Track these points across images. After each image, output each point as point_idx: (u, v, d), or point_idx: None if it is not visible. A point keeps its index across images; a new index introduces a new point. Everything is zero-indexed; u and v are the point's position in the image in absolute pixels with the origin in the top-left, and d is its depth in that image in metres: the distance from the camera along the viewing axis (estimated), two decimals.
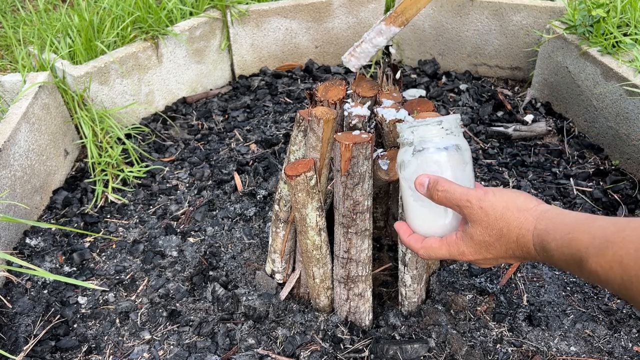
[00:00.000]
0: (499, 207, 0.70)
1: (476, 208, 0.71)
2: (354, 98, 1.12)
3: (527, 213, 0.68)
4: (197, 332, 1.29)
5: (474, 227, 0.72)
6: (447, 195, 0.74)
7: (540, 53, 2.09)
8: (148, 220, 1.64)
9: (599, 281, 0.58)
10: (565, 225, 0.64)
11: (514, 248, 0.69)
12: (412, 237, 0.83)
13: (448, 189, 0.74)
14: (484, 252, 0.73)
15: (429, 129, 0.80)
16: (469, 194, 0.73)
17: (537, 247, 0.66)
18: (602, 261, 0.56)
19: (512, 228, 0.68)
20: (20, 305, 1.36)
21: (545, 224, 0.66)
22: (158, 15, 2.04)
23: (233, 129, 2.05)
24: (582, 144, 1.90)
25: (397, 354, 1.18)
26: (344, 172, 1.06)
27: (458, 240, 0.75)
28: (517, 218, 0.68)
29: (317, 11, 2.32)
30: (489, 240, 0.71)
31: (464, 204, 0.72)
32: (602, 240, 0.57)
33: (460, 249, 0.75)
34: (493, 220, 0.70)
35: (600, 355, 1.22)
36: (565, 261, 0.62)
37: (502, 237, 0.70)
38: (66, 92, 1.83)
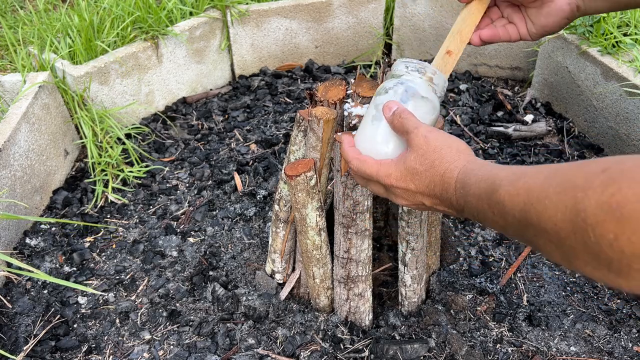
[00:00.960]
0: (440, 142, 0.74)
1: (420, 135, 0.75)
2: (354, 98, 1.12)
3: (462, 155, 0.72)
4: (197, 332, 1.29)
5: (411, 152, 0.76)
6: (403, 122, 0.79)
7: (540, 53, 2.09)
8: (148, 220, 1.64)
9: (501, 214, 0.60)
10: (490, 166, 0.67)
11: (437, 182, 0.72)
12: (352, 148, 0.86)
13: (407, 117, 0.79)
14: (409, 180, 0.76)
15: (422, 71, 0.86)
16: (421, 124, 0.78)
17: (458, 184, 0.69)
18: (512, 189, 0.58)
19: (444, 162, 0.72)
20: (20, 305, 1.36)
21: (473, 165, 0.70)
22: (158, 15, 2.04)
23: (233, 129, 2.05)
24: (582, 144, 1.91)
25: (397, 354, 1.18)
26: (344, 172, 1.06)
27: (390, 163, 0.79)
28: (452, 156, 0.72)
29: (317, 11, 2.32)
30: (418, 169, 0.74)
31: (413, 130, 0.77)
32: (518, 174, 0.59)
33: (389, 171, 0.78)
34: (431, 151, 0.74)
35: (600, 355, 1.22)
36: (478, 196, 0.64)
37: (432, 168, 0.73)
38: (66, 92, 1.83)
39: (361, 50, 2.47)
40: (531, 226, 0.55)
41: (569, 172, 0.52)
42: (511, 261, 1.45)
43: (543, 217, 0.53)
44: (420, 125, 0.77)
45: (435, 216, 1.25)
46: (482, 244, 1.51)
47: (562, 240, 0.51)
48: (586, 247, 0.48)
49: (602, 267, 0.47)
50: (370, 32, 2.43)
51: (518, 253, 1.48)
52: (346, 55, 2.48)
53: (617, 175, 0.46)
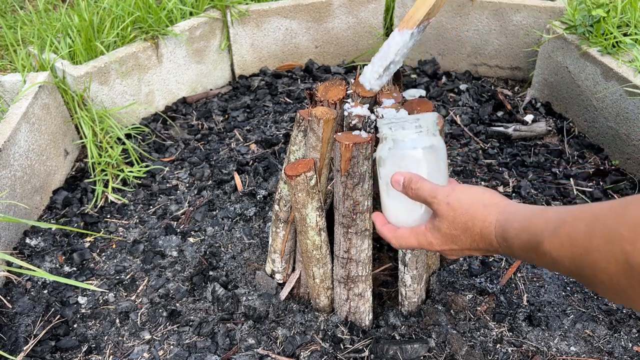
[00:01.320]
0: (465, 203, 0.74)
1: (443, 204, 0.76)
2: (354, 98, 1.12)
3: (491, 208, 0.72)
4: (197, 332, 1.29)
5: (441, 220, 0.77)
6: (417, 193, 0.79)
7: (540, 53, 2.09)
8: (148, 220, 1.64)
9: (553, 263, 0.60)
10: (523, 214, 0.67)
11: (478, 240, 0.73)
12: (386, 227, 0.88)
13: (420, 187, 0.79)
14: (450, 243, 0.77)
15: (406, 127, 0.84)
16: (437, 190, 0.77)
17: (499, 238, 0.70)
18: (555, 241, 0.58)
19: (477, 222, 0.72)
20: (20, 305, 1.36)
21: (506, 216, 0.70)
22: (158, 15, 2.04)
23: (233, 129, 2.05)
24: (582, 144, 1.91)
25: (397, 354, 1.18)
26: (344, 172, 1.06)
27: (426, 232, 0.80)
28: (481, 212, 0.72)
29: (317, 11, 2.32)
30: (455, 233, 0.75)
31: (432, 200, 0.77)
32: (555, 222, 0.60)
33: (428, 239, 0.79)
34: (459, 215, 0.74)
35: (600, 355, 1.22)
36: (523, 248, 0.65)
37: (467, 230, 0.74)
38: (66, 92, 1.83)
39: (361, 50, 2.47)
40: (585, 277, 0.56)
41: (610, 221, 0.52)
42: (511, 261, 1.45)
43: (595, 269, 0.53)
44: (436, 191, 0.77)
45: None
46: None
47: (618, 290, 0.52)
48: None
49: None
50: (370, 32, 2.43)
51: None
52: (346, 55, 2.48)
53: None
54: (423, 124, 0.84)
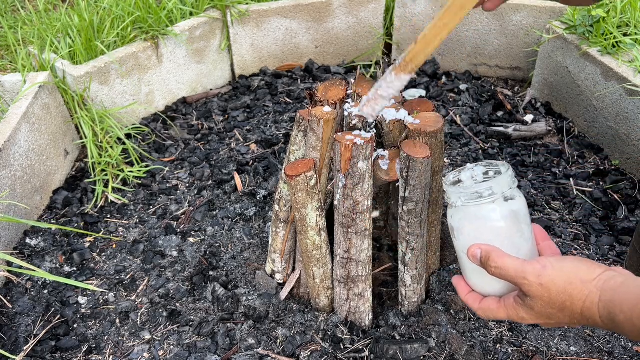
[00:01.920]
0: (560, 282, 0.68)
1: (535, 285, 0.69)
2: (354, 98, 1.12)
3: (590, 285, 0.67)
4: (197, 332, 1.29)
5: (534, 300, 0.70)
6: (501, 272, 0.72)
7: (540, 53, 2.09)
8: (148, 220, 1.64)
9: None
10: (631, 295, 0.62)
11: (579, 318, 0.68)
12: (470, 295, 0.81)
13: (501, 266, 0.72)
14: (546, 319, 0.72)
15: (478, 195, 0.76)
16: (525, 270, 0.70)
17: (605, 320, 0.65)
18: None
19: (576, 301, 0.67)
20: (20, 305, 1.36)
21: (610, 295, 0.65)
22: (158, 16, 2.04)
23: (233, 129, 2.05)
24: (582, 144, 1.91)
25: (397, 354, 1.18)
26: (344, 172, 1.06)
27: (517, 307, 0.73)
28: (580, 291, 0.67)
29: (317, 11, 2.32)
30: (551, 312, 0.70)
31: (521, 281, 0.70)
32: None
33: (520, 315, 0.73)
34: (555, 295, 0.68)
35: (600, 355, 1.22)
36: (638, 332, 0.61)
37: (566, 309, 0.68)
38: (66, 92, 1.83)
39: (361, 50, 2.47)
40: None
41: None
42: None
43: None
44: (524, 272, 0.70)
45: (436, 216, 1.25)
46: None
47: None
48: None
49: None
50: (370, 32, 2.43)
51: None
52: (346, 55, 2.48)
53: None
54: (497, 190, 0.75)
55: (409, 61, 0.88)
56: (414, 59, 0.87)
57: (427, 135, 1.07)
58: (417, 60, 0.87)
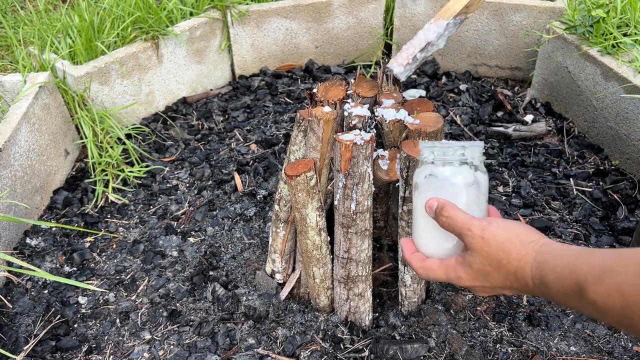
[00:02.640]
0: (500, 238, 0.70)
1: (477, 237, 0.71)
2: (354, 98, 1.12)
3: (528, 246, 0.68)
4: (197, 332, 1.29)
5: (474, 255, 0.72)
6: (450, 222, 0.75)
7: (540, 53, 2.09)
8: (148, 220, 1.64)
9: (597, 312, 0.58)
10: (564, 257, 0.63)
11: (512, 280, 0.69)
12: (414, 255, 0.83)
13: (452, 216, 0.74)
14: (482, 280, 0.73)
15: (449, 154, 0.79)
16: (471, 222, 0.73)
17: (536, 280, 0.66)
18: (601, 290, 0.56)
19: (512, 260, 0.68)
20: (20, 305, 1.36)
21: (544, 257, 0.66)
22: (158, 16, 2.04)
23: (233, 129, 2.05)
24: (582, 144, 1.91)
25: (397, 354, 1.18)
26: (344, 172, 1.06)
27: (457, 265, 0.75)
28: (518, 250, 0.68)
29: (317, 11, 2.32)
30: (487, 270, 0.71)
31: (465, 232, 0.73)
32: (601, 269, 0.57)
33: (458, 274, 0.75)
34: (494, 251, 0.70)
35: (600, 355, 1.22)
36: (563, 293, 0.62)
37: (501, 267, 0.70)
38: (66, 92, 1.83)
39: (361, 50, 2.47)
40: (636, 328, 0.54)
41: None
42: None
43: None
44: (470, 223, 0.73)
45: None
46: None
47: None
48: None
49: None
50: (370, 32, 2.43)
51: None
52: (346, 56, 2.48)
53: None
54: (468, 155, 0.79)
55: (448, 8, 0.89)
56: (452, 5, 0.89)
57: (427, 135, 1.07)
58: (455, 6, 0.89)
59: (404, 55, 0.95)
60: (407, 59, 0.95)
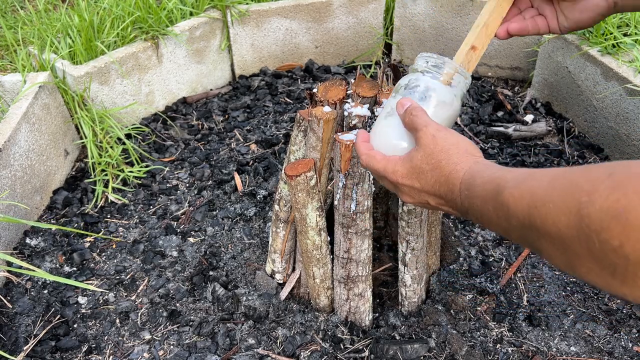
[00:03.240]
0: (448, 142, 0.73)
1: (429, 135, 0.74)
2: (354, 98, 1.12)
3: (470, 157, 0.71)
4: (197, 332, 1.29)
5: (418, 151, 0.75)
6: (413, 120, 0.78)
7: (540, 53, 2.09)
8: (148, 220, 1.64)
9: (506, 217, 0.59)
10: (496, 167, 0.66)
11: (442, 182, 0.72)
12: (364, 143, 0.86)
13: (418, 115, 0.78)
14: (414, 178, 0.75)
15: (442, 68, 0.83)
16: (431, 123, 0.76)
17: (463, 185, 0.68)
18: (516, 192, 0.57)
19: (450, 163, 0.71)
20: (20, 305, 1.36)
21: (480, 166, 0.68)
22: (158, 16, 2.04)
23: (233, 129, 2.05)
24: (582, 144, 1.91)
25: (397, 354, 1.18)
26: (344, 172, 1.06)
27: (397, 160, 0.78)
28: (459, 156, 0.71)
29: (317, 11, 2.32)
30: (424, 167, 0.74)
31: (422, 127, 0.76)
32: (524, 176, 0.58)
33: (395, 168, 0.78)
34: (438, 151, 0.73)
35: (600, 355, 1.22)
36: (483, 198, 0.63)
37: (438, 168, 0.72)
38: (66, 92, 1.83)
39: (361, 50, 2.47)
40: (535, 230, 0.54)
41: (574, 176, 0.50)
42: (511, 261, 1.45)
43: (547, 221, 0.51)
44: (430, 123, 0.76)
45: (436, 216, 1.25)
46: (482, 244, 1.51)
47: (565, 245, 0.49)
48: (590, 253, 0.46)
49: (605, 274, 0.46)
50: (370, 32, 2.43)
51: (518, 253, 1.48)
52: (346, 55, 2.48)
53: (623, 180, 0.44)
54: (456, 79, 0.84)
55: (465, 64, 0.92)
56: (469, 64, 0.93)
57: None
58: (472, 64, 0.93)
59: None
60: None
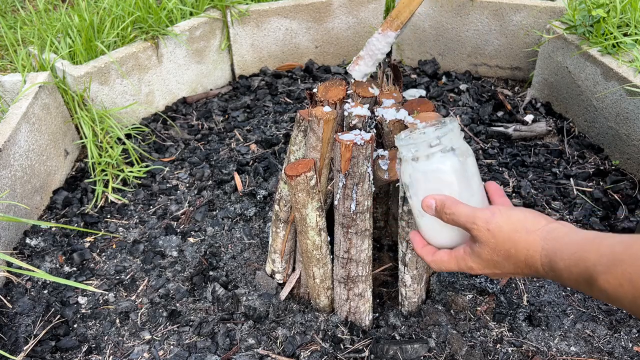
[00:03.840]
0: (506, 230, 0.71)
1: (483, 230, 0.72)
2: (354, 98, 1.12)
3: (535, 234, 0.69)
4: (197, 332, 1.29)
5: (482, 247, 0.73)
6: (453, 218, 0.76)
7: (540, 53, 2.09)
8: (148, 220, 1.64)
9: (609, 299, 0.59)
10: (572, 245, 0.64)
11: (523, 267, 0.71)
12: (425, 248, 0.85)
13: (455, 212, 0.76)
14: (493, 268, 0.74)
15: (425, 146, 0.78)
16: (475, 215, 0.74)
17: (545, 267, 0.67)
18: (611, 279, 0.57)
19: (520, 249, 0.69)
20: (20, 305, 1.36)
21: (552, 244, 0.67)
22: (158, 16, 2.04)
23: (233, 129, 2.05)
24: (582, 144, 1.90)
25: (397, 354, 1.18)
26: (344, 172, 1.06)
27: (466, 256, 0.77)
28: (525, 239, 0.69)
29: (317, 11, 2.32)
30: (497, 259, 0.73)
31: (471, 226, 0.74)
32: (610, 258, 0.58)
33: (469, 264, 0.77)
34: (501, 242, 0.71)
35: (600, 355, 1.22)
36: (574, 280, 0.63)
37: (510, 257, 0.71)
38: (66, 92, 1.83)
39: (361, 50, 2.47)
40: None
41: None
42: None
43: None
44: (474, 217, 0.73)
45: None
46: None
47: None
48: None
49: None
50: (370, 32, 2.42)
51: None
52: (346, 55, 2.48)
53: None
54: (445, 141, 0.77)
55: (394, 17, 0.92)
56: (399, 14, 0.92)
57: None
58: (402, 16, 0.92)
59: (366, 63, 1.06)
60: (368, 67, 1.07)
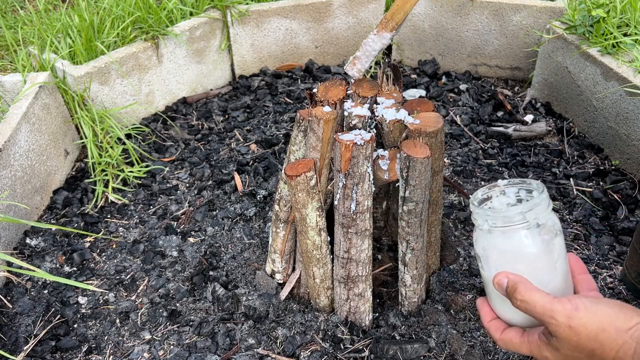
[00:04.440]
0: (592, 328, 0.62)
1: (563, 326, 0.64)
2: (354, 98, 1.12)
3: (626, 334, 0.61)
4: (197, 332, 1.29)
5: (560, 342, 0.65)
6: (527, 307, 0.67)
7: (540, 53, 2.09)
8: (148, 220, 1.64)
9: None
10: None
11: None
12: (493, 322, 0.77)
13: (528, 300, 0.67)
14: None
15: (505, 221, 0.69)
16: (554, 309, 0.65)
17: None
18: None
19: (607, 350, 0.62)
20: (20, 305, 1.36)
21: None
22: (158, 16, 2.04)
23: (233, 129, 2.05)
24: (582, 144, 1.91)
25: (397, 354, 1.18)
26: (344, 172, 1.06)
27: (541, 345, 0.69)
28: (614, 340, 0.61)
29: (317, 11, 2.32)
30: (578, 356, 0.65)
31: (548, 320, 0.65)
32: None
33: (544, 354, 0.68)
34: (584, 341, 0.63)
35: None
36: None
37: (595, 356, 0.63)
38: (66, 92, 1.83)
39: None
40: None
41: None
42: None
43: None
44: (552, 310, 0.64)
45: (436, 216, 1.25)
46: None
47: None
48: None
49: None
50: (370, 32, 2.43)
51: None
52: (346, 55, 2.48)
53: None
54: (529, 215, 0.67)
55: (389, 19, 0.93)
56: (394, 16, 0.92)
57: (427, 135, 1.07)
58: (397, 17, 0.93)
59: (363, 64, 1.10)
60: (364, 66, 1.10)
